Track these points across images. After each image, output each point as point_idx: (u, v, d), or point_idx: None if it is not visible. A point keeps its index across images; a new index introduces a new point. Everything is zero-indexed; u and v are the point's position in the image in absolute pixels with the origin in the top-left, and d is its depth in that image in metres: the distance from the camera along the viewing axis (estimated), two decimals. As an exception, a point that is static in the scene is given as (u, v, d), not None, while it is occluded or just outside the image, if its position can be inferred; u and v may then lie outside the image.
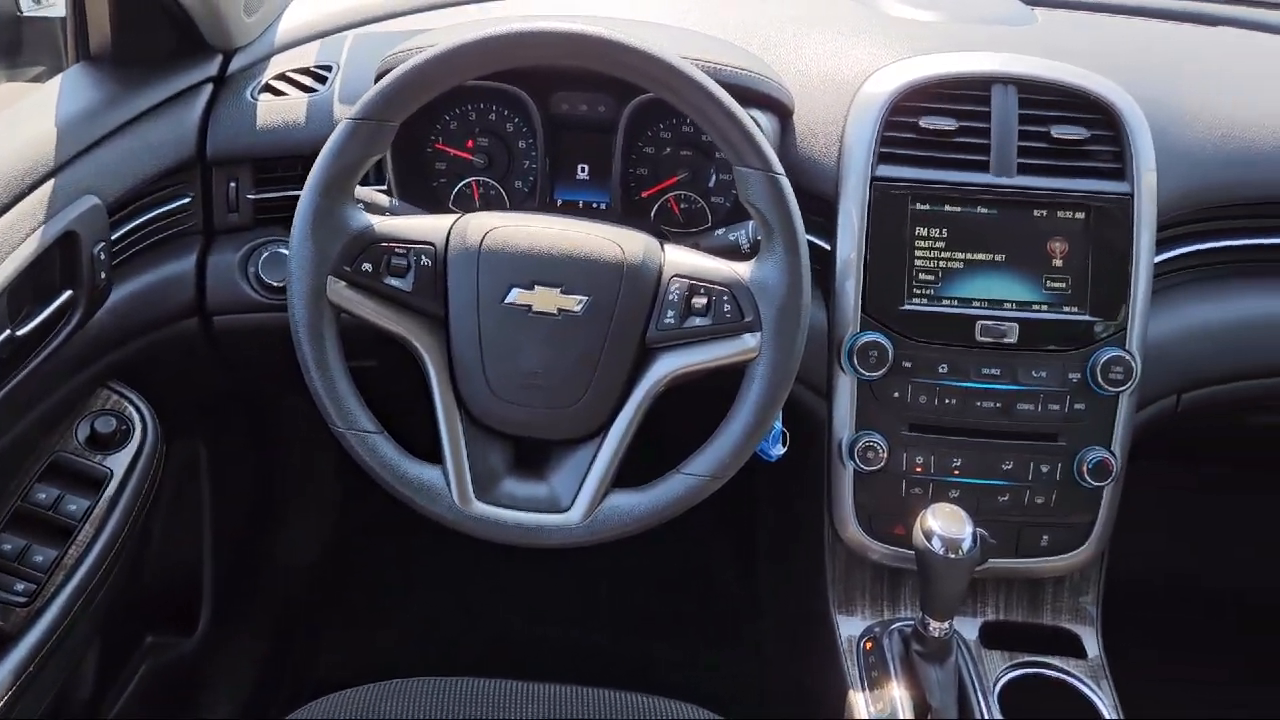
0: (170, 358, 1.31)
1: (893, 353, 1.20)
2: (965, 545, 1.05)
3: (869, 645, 1.26)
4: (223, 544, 1.69)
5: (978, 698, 1.18)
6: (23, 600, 1.14)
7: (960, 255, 1.21)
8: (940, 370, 1.21)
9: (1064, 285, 1.20)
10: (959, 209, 1.20)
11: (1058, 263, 1.20)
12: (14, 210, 1.05)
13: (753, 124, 0.99)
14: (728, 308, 1.00)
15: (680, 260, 1.03)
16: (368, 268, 1.01)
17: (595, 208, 1.31)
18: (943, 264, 1.21)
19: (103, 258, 1.14)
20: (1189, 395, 1.29)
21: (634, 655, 1.86)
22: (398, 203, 1.20)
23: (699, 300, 1.01)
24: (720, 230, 1.17)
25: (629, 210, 1.28)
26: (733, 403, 1.02)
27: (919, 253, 1.21)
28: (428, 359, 1.02)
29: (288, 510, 1.93)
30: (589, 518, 1.01)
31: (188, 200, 1.28)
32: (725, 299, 1.00)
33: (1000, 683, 1.21)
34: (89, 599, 1.17)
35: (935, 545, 1.05)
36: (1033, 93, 1.22)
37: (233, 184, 1.29)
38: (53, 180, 1.10)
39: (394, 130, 1.01)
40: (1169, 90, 1.31)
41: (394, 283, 1.01)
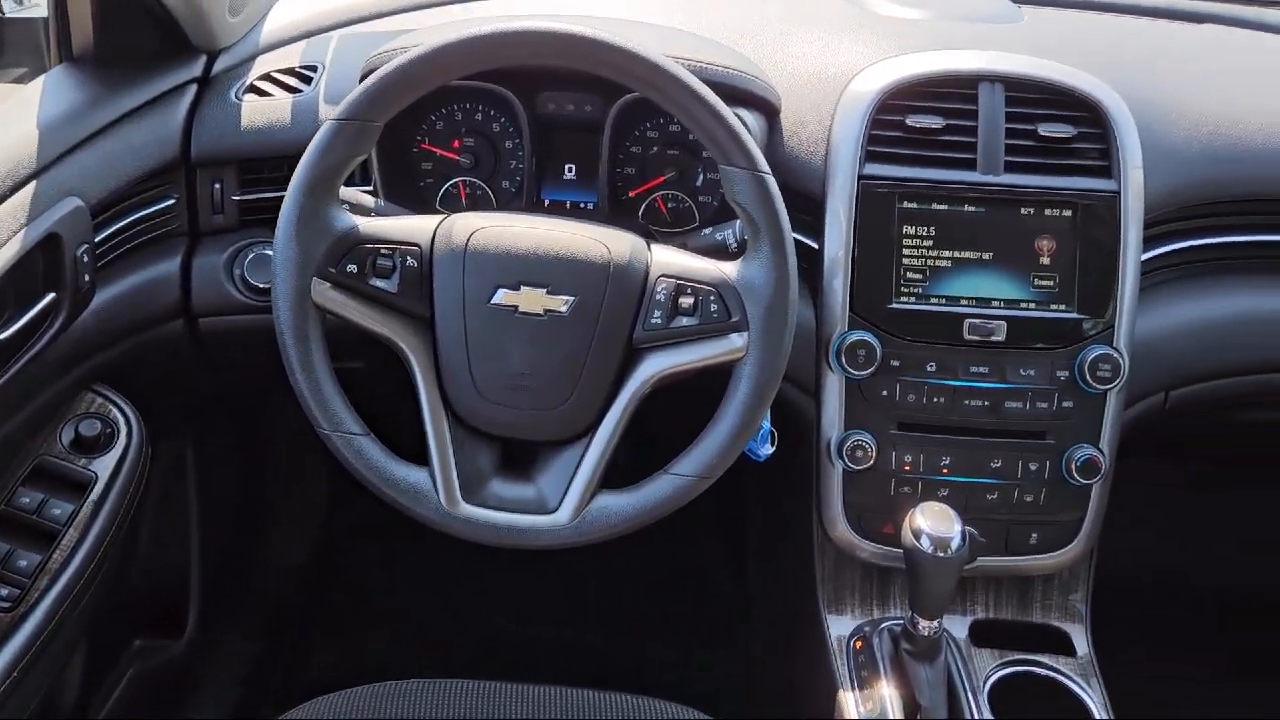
0: (155, 360, 1.30)
1: (881, 351, 1.19)
2: (954, 544, 1.05)
3: (859, 644, 1.26)
4: (210, 546, 1.68)
5: (967, 696, 1.18)
6: (6, 605, 1.13)
7: (948, 254, 1.21)
8: (928, 369, 1.20)
9: (1051, 283, 1.20)
10: (946, 207, 1.20)
11: (1045, 261, 1.20)
12: (-4, 212, 1.05)
13: (738, 123, 0.98)
14: (714, 307, 1.00)
15: (667, 260, 1.03)
16: (353, 269, 1.00)
17: (582, 207, 1.30)
18: (930, 262, 1.21)
19: (86, 260, 1.13)
20: (1177, 392, 1.30)
21: (624, 656, 1.86)
22: (383, 203, 1.19)
23: (686, 300, 1.00)
24: (707, 230, 1.16)
25: (616, 210, 1.28)
26: (720, 403, 1.02)
27: (907, 251, 1.20)
28: (414, 360, 1.02)
29: (276, 512, 1.92)
30: (576, 519, 1.01)
31: (172, 202, 1.27)
32: (712, 298, 1.00)
33: (990, 681, 1.21)
34: (74, 603, 1.17)
35: (924, 544, 1.06)
36: (1020, 91, 1.22)
37: (218, 185, 1.28)
38: (35, 182, 1.09)
39: (378, 131, 1.01)
40: (1156, 88, 1.31)
41: (379, 284, 1.01)
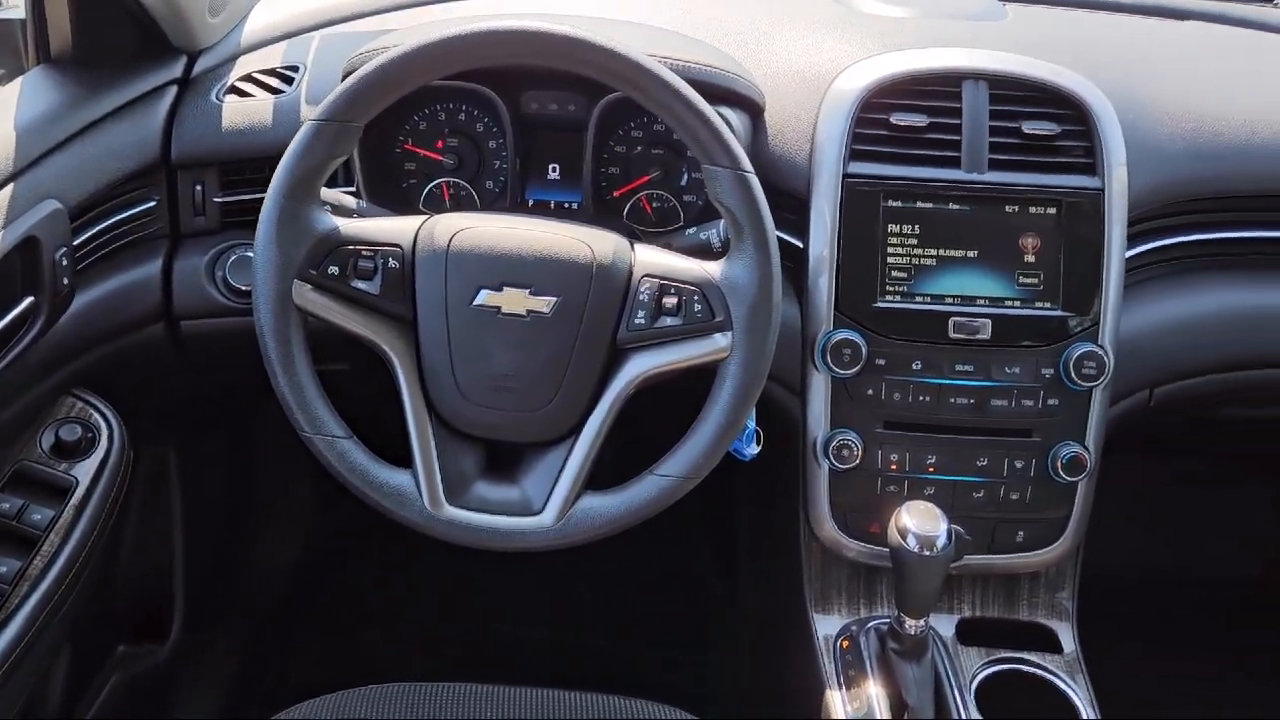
0: (137, 364, 1.29)
1: (866, 350, 1.19)
2: (940, 542, 1.05)
3: (845, 644, 1.25)
4: (195, 550, 1.67)
5: (954, 695, 1.17)
6: (-13, 612, 1.12)
7: (932, 252, 1.20)
8: (914, 367, 1.20)
9: (1036, 281, 1.20)
10: (931, 205, 1.20)
11: (1030, 258, 1.20)
12: (-28, 216, 1.04)
13: (721, 122, 0.98)
14: (698, 307, 1.00)
15: (650, 260, 1.02)
16: (334, 271, 1.00)
17: (567, 207, 1.30)
18: (915, 261, 1.20)
19: (65, 263, 1.12)
20: (1162, 389, 1.30)
21: (613, 657, 1.85)
22: (366, 204, 1.19)
23: (669, 300, 1.00)
24: (692, 229, 1.16)
25: (601, 210, 1.28)
26: (705, 403, 1.01)
27: (891, 249, 1.20)
28: (396, 362, 1.01)
29: (262, 515, 1.91)
30: (561, 520, 1.00)
31: (152, 204, 1.26)
32: (696, 298, 1.00)
33: (977, 679, 1.21)
34: (55, 609, 1.15)
35: (910, 543, 1.05)
36: (1003, 88, 1.22)
37: (199, 187, 1.27)
38: (12, 185, 1.08)
39: (359, 131, 1.00)
40: (1139, 85, 1.31)
41: (361, 285, 1.00)
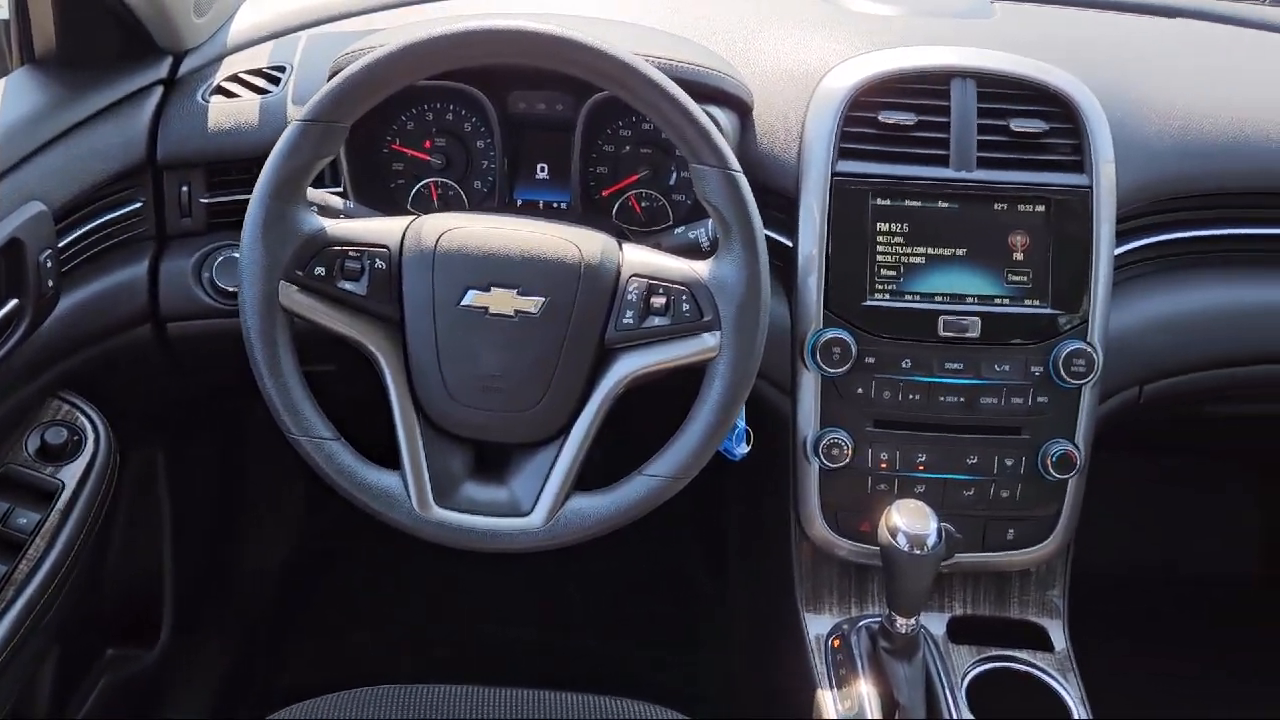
0: (124, 366, 1.28)
1: (856, 349, 1.19)
2: (930, 541, 1.05)
3: (836, 643, 1.25)
4: (184, 553, 1.67)
5: (945, 694, 1.17)
6: (-29, 618, 1.11)
7: (922, 250, 1.20)
8: (903, 366, 1.20)
9: (1025, 279, 1.20)
10: (919, 203, 1.20)
11: (1019, 256, 1.20)
12: (-44, 219, 1.03)
13: (708, 120, 0.98)
14: (687, 307, 0.99)
15: (638, 259, 1.02)
16: (320, 271, 0.99)
17: (556, 207, 1.29)
18: (904, 259, 1.20)
19: (49, 265, 1.11)
20: (1151, 386, 1.30)
21: (604, 657, 1.85)
22: (353, 205, 1.18)
23: (658, 300, 1.00)
24: (680, 228, 1.15)
25: (590, 209, 1.27)
26: (693, 403, 1.01)
27: (880, 248, 1.20)
28: (384, 363, 1.01)
29: (251, 517, 1.90)
30: (550, 521, 1.00)
31: (138, 205, 1.25)
32: (684, 298, 1.00)
33: (968, 678, 1.21)
34: (42, 613, 1.15)
35: (900, 541, 1.05)
36: (991, 86, 1.22)
37: (185, 188, 1.26)
38: None
39: (345, 132, 1.00)
40: (1127, 83, 1.31)
41: (348, 286, 1.00)
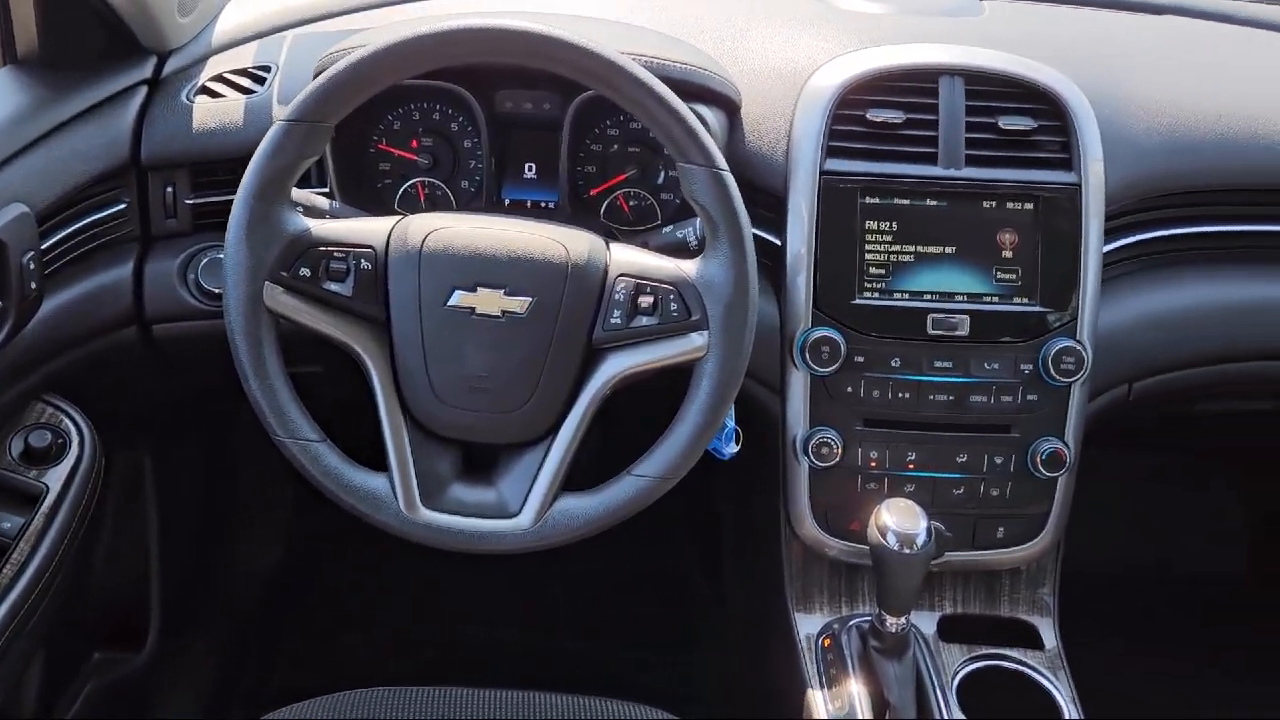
0: (109, 368, 1.28)
1: (845, 348, 1.19)
2: (919, 540, 1.05)
3: (827, 642, 1.25)
4: (171, 556, 1.66)
5: (936, 693, 1.17)
6: (-45, 622, 1.10)
7: (910, 248, 1.20)
8: (893, 364, 1.20)
9: (1014, 276, 1.20)
10: (908, 202, 1.20)
11: (1008, 254, 1.20)
12: (-63, 221, 1.02)
13: (694, 119, 0.97)
14: (674, 306, 0.99)
15: (626, 259, 1.02)
16: (305, 272, 0.99)
17: (544, 207, 1.29)
18: (893, 257, 1.20)
19: (32, 267, 1.10)
20: (1140, 384, 1.30)
21: (595, 658, 1.84)
22: (339, 205, 1.17)
23: (645, 299, 0.99)
24: (668, 227, 1.15)
25: (578, 209, 1.27)
26: (682, 403, 1.00)
27: (869, 246, 1.20)
28: (370, 364, 1.00)
29: (238, 519, 1.89)
30: (538, 522, 1.00)
31: (123, 206, 1.24)
32: (672, 297, 0.99)
33: (958, 676, 1.21)
34: (27, 618, 1.14)
35: (890, 540, 1.05)
36: (980, 84, 1.22)
37: (169, 189, 1.25)
38: None
39: (329, 132, 0.99)
40: (1115, 80, 1.31)
41: (333, 287, 0.99)
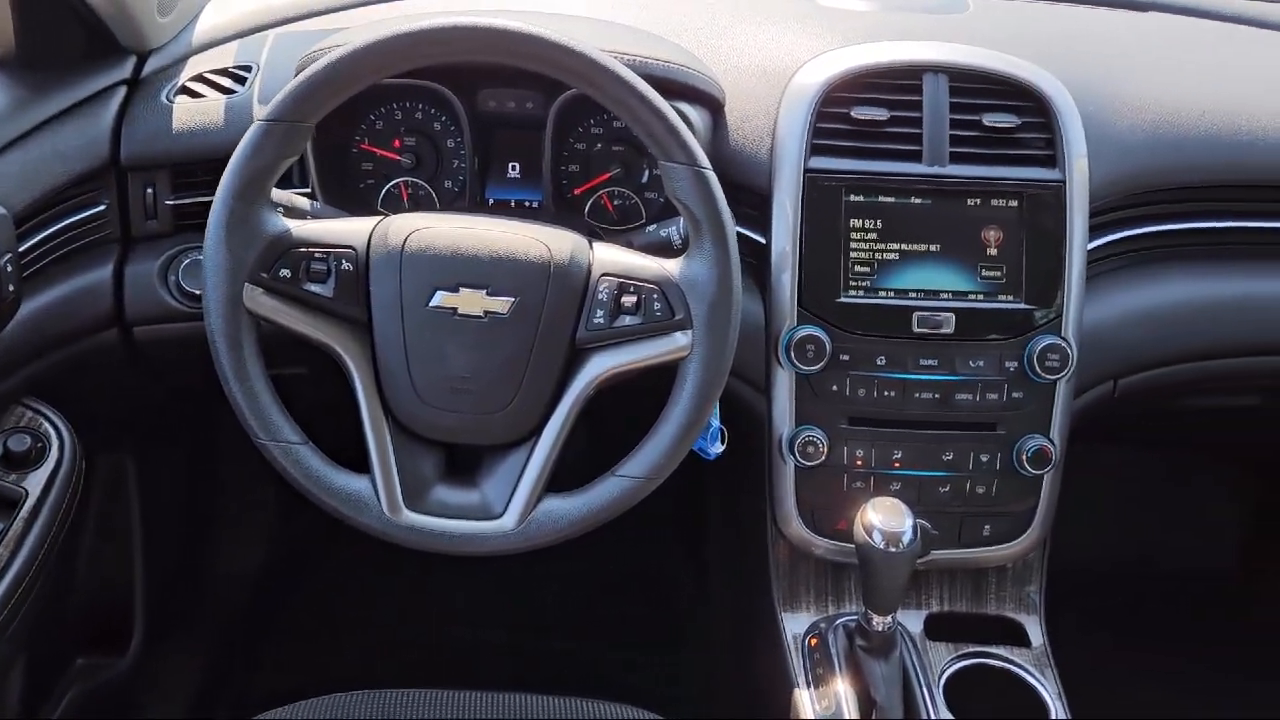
0: (90, 371, 1.27)
1: (830, 346, 1.18)
2: (905, 538, 1.05)
3: (813, 642, 1.25)
4: (155, 560, 1.65)
5: (923, 691, 1.17)
6: (-66, 629, 1.09)
7: (895, 246, 1.20)
8: (878, 362, 1.20)
9: (999, 274, 1.20)
10: (893, 199, 1.19)
11: (992, 251, 1.20)
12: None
13: (676, 117, 0.97)
14: (658, 306, 0.99)
15: (609, 258, 1.01)
16: (286, 274, 0.98)
17: (528, 206, 1.28)
18: (878, 255, 1.20)
19: (10, 270, 1.09)
20: (1126, 380, 1.30)
21: (583, 659, 1.84)
22: (320, 205, 1.17)
23: (629, 299, 0.99)
24: (652, 226, 1.15)
25: (561, 208, 1.26)
26: (666, 402, 1.00)
27: (854, 244, 1.19)
28: (352, 366, 1.00)
29: (223, 522, 1.88)
30: (522, 524, 0.99)
31: (103, 207, 1.23)
32: (655, 297, 0.99)
33: (945, 675, 1.21)
34: (6, 623, 1.13)
35: (875, 539, 1.05)
36: (964, 81, 1.21)
37: (150, 189, 1.24)
38: None
39: (309, 132, 0.98)
40: (1099, 77, 1.31)
41: (314, 288, 0.99)
